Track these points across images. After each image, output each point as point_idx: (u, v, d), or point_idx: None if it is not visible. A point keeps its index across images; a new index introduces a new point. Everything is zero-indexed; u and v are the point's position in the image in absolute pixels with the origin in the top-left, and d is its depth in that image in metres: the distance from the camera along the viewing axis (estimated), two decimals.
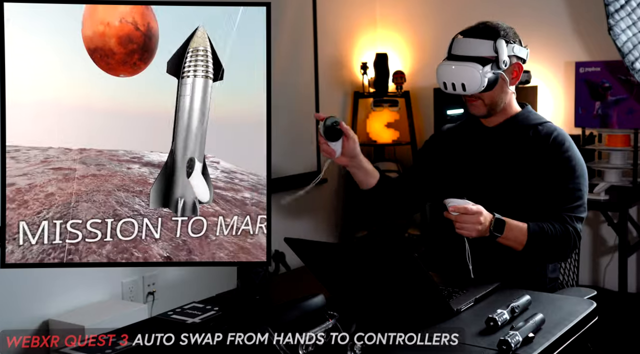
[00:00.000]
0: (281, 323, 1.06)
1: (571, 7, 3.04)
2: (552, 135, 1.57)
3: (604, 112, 2.78)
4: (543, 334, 1.19)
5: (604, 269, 3.01)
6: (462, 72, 1.51)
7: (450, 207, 1.40)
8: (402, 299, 1.31)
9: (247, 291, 1.49)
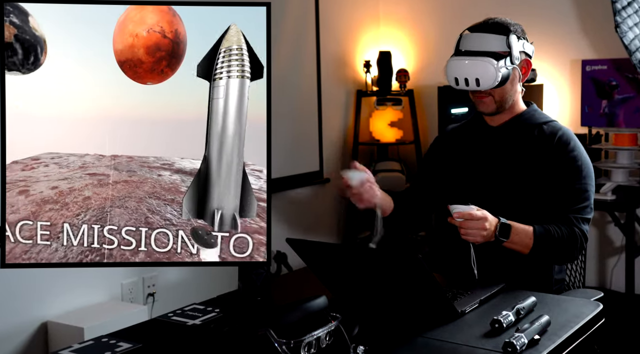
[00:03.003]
0: (283, 325, 1.06)
1: (577, 4, 3.02)
2: (557, 134, 1.55)
3: (610, 110, 2.76)
4: (549, 336, 1.18)
5: (610, 271, 2.98)
6: (477, 66, 1.48)
7: (454, 214, 1.39)
8: (406, 301, 1.29)
9: (248, 292, 1.47)
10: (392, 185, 3.33)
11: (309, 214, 3.27)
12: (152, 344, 1.26)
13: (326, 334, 1.08)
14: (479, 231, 1.38)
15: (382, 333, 1.22)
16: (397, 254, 1.24)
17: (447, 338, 1.19)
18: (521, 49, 1.52)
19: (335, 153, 3.42)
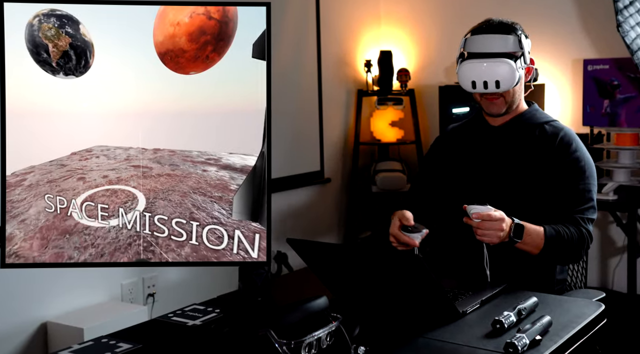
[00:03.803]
0: (283, 325, 1.05)
1: (579, 4, 3.01)
2: (559, 135, 1.55)
3: (612, 110, 2.75)
4: (550, 336, 1.17)
5: (612, 271, 2.98)
6: (497, 68, 1.46)
7: (473, 214, 1.37)
8: (407, 301, 1.29)
9: (248, 292, 1.47)
10: (393, 185, 3.33)
11: (309, 214, 3.27)
12: (152, 345, 1.26)
13: (327, 335, 1.08)
14: (496, 232, 1.37)
15: (383, 333, 1.22)
16: (398, 254, 1.23)
17: (448, 339, 1.18)
18: (528, 48, 1.52)
19: (336, 153, 3.42)
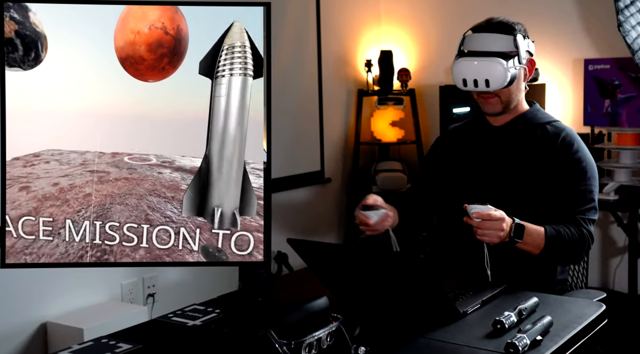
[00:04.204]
0: (284, 325, 1.05)
1: (580, 3, 3.01)
2: (560, 135, 1.54)
3: (613, 110, 2.74)
4: (551, 337, 1.17)
5: (613, 271, 2.97)
6: (486, 67, 1.47)
7: (473, 214, 1.36)
8: (407, 301, 1.29)
9: (249, 292, 1.47)
10: (394, 185, 3.32)
11: (309, 214, 3.27)
12: (152, 345, 1.25)
13: (327, 335, 1.08)
14: (496, 231, 1.36)
15: (384, 333, 1.21)
16: (398, 255, 1.23)
17: (448, 339, 1.18)
18: (526, 48, 1.52)
19: (337, 153, 3.42)
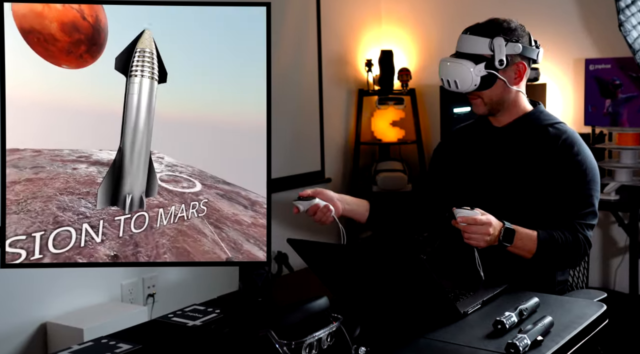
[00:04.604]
0: (284, 326, 1.05)
1: (580, 3, 3.00)
2: (561, 137, 1.54)
3: (614, 110, 2.74)
4: (552, 337, 1.17)
5: (614, 271, 2.97)
6: (454, 69, 1.51)
7: (458, 218, 1.37)
8: (408, 302, 1.28)
9: (249, 292, 1.47)
10: (394, 185, 3.32)
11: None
12: (152, 346, 1.25)
13: (327, 335, 1.08)
14: (482, 235, 1.37)
15: (384, 333, 1.21)
16: (399, 255, 1.22)
17: (449, 339, 1.18)
18: (512, 52, 1.49)
19: (337, 153, 3.41)
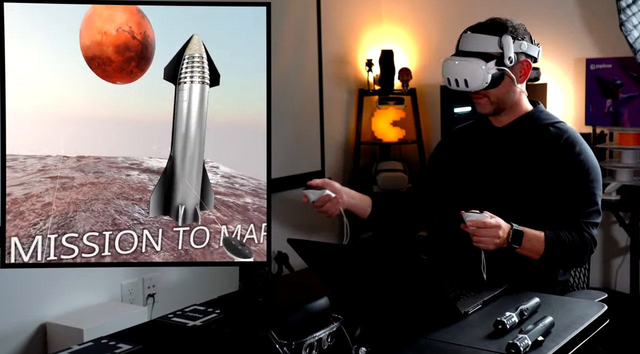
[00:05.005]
0: (284, 326, 1.05)
1: (581, 3, 3.00)
2: (563, 137, 1.54)
3: (615, 110, 2.74)
4: (553, 337, 1.17)
5: (615, 271, 2.96)
6: (465, 68, 1.49)
7: (468, 222, 1.37)
8: (409, 302, 1.28)
9: (249, 293, 1.46)
10: (395, 185, 3.32)
11: (310, 214, 3.25)
12: (152, 346, 1.25)
13: (328, 336, 1.07)
14: (492, 239, 1.36)
15: (384, 334, 1.21)
16: (399, 255, 1.22)
17: (449, 339, 1.18)
18: (518, 50, 1.50)
19: (337, 153, 3.41)
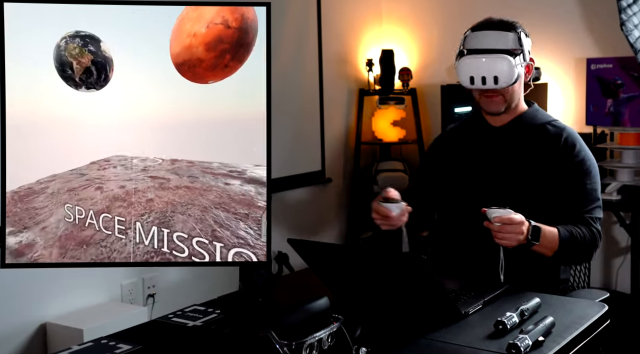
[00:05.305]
0: (284, 326, 1.05)
1: (582, 3, 3.00)
2: (562, 136, 1.54)
3: (616, 109, 2.73)
4: (553, 337, 1.17)
5: (616, 271, 2.96)
6: (495, 64, 1.46)
7: (495, 218, 1.35)
8: (409, 302, 1.28)
9: (249, 293, 1.46)
10: (395, 185, 3.30)
11: (310, 215, 3.26)
12: (152, 346, 1.25)
13: (328, 336, 1.07)
14: (516, 235, 1.35)
15: (385, 334, 1.21)
16: (399, 255, 1.22)
17: (450, 340, 1.18)
18: (528, 47, 1.51)
19: (337, 153, 3.41)
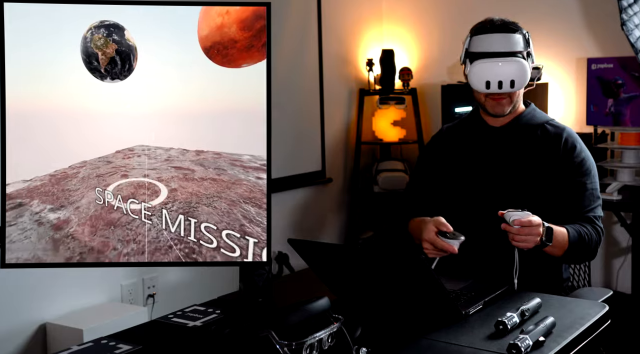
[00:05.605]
0: (285, 326, 1.04)
1: (583, 2, 2.99)
2: (562, 136, 1.54)
3: (616, 109, 2.73)
4: (554, 338, 1.16)
5: (616, 272, 2.96)
6: (512, 68, 1.44)
7: (515, 221, 1.34)
8: (409, 302, 1.28)
9: (249, 293, 1.46)
10: (395, 185, 3.31)
11: (310, 214, 3.26)
12: (152, 346, 1.25)
13: (328, 336, 1.07)
14: (534, 237, 1.35)
15: (385, 334, 1.21)
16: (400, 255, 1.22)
17: (450, 340, 1.17)
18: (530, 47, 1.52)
19: (338, 153, 3.41)
